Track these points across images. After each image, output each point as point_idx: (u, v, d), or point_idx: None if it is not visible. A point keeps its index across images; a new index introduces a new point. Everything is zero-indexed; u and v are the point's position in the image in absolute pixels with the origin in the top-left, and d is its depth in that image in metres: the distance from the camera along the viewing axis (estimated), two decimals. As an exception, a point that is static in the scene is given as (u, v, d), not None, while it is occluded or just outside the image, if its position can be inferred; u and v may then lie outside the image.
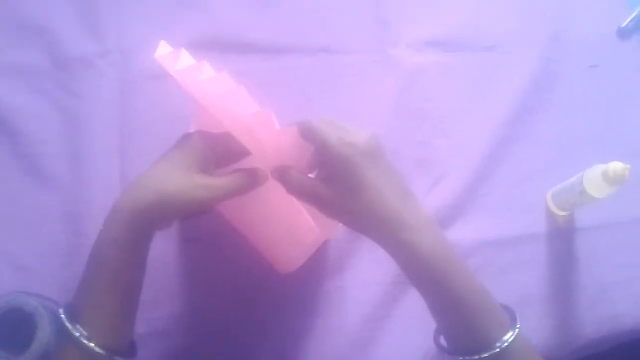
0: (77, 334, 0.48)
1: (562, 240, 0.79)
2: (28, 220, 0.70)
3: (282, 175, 0.53)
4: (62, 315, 0.50)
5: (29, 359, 0.60)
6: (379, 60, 0.83)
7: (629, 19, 0.89)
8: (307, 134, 0.52)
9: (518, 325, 0.51)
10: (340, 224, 0.57)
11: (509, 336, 0.49)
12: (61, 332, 0.50)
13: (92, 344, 0.48)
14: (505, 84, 0.84)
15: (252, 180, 0.54)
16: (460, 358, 0.51)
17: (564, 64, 0.86)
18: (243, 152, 0.55)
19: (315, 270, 0.72)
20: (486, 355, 0.49)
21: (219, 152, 0.55)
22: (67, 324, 0.49)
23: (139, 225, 0.50)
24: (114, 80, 0.76)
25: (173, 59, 0.52)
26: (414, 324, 0.71)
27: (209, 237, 0.72)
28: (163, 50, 0.53)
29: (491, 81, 0.84)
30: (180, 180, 0.51)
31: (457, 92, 0.83)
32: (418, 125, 0.81)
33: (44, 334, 0.60)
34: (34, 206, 0.71)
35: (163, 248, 0.70)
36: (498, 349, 0.49)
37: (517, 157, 0.81)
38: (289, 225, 0.63)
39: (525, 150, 0.82)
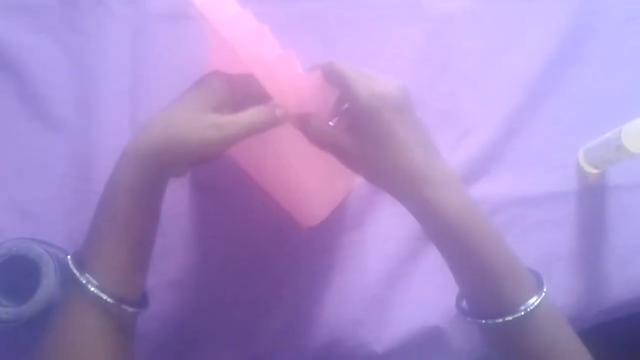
0: (85, 282, 0.45)
1: (592, 199, 0.76)
2: (34, 165, 0.67)
3: (304, 123, 0.51)
4: (70, 263, 0.47)
5: (32, 308, 0.58)
6: (405, 4, 0.79)
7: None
8: (334, 78, 0.50)
9: (545, 290, 0.49)
10: (360, 178, 0.55)
11: (534, 300, 0.48)
12: (68, 281, 0.47)
13: (101, 293, 0.45)
14: (538, 35, 0.80)
15: (269, 117, 0.49)
16: (483, 321, 0.50)
17: (601, 16, 0.82)
18: (263, 96, 0.51)
19: (334, 224, 0.69)
20: (510, 318, 0.47)
21: (238, 94, 0.51)
22: (75, 271, 0.46)
23: (149, 170, 0.47)
24: (125, 20, 0.72)
25: None
26: (435, 281, 0.69)
27: (224, 186, 0.68)
28: None
29: (524, 31, 0.80)
30: (191, 120, 0.48)
31: (487, 42, 0.79)
32: (445, 76, 0.77)
33: (49, 282, 0.58)
34: (40, 150, 0.67)
35: (175, 195, 0.67)
36: (522, 313, 0.47)
37: (548, 112, 0.78)
38: (313, 176, 0.60)
39: (558, 105, 0.78)
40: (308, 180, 0.61)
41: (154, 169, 0.47)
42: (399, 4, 0.79)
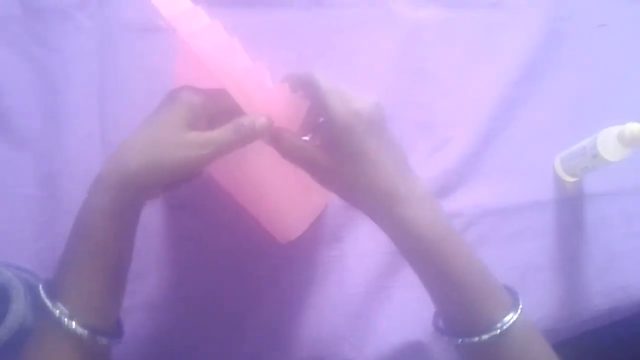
0: (58, 312, 0.44)
1: (570, 208, 0.76)
2: (-1, 184, 0.64)
3: (275, 137, 0.49)
4: (42, 292, 0.45)
5: (2, 334, 0.54)
6: (378, 15, 0.78)
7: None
8: (309, 90, 0.49)
9: (520, 307, 0.49)
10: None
11: (510, 317, 0.47)
12: (40, 311, 0.45)
13: (74, 323, 0.43)
14: (511, 43, 0.80)
15: (249, 130, 0.48)
16: (460, 340, 0.49)
17: (572, 23, 0.83)
18: (237, 109, 0.49)
19: (312, 239, 0.68)
20: (486, 337, 0.47)
21: (211, 109, 0.50)
22: (47, 302, 0.44)
23: (127, 193, 0.45)
24: (92, 33, 0.70)
25: (169, 1, 0.48)
26: (416, 295, 0.65)
27: (198, 203, 0.67)
28: None
29: (497, 40, 0.81)
30: (170, 139, 0.46)
31: (461, 51, 0.79)
32: (419, 87, 0.77)
33: (18, 307, 0.55)
34: (6, 169, 0.65)
35: (148, 214, 0.64)
36: (498, 331, 0.47)
37: (523, 120, 0.78)
38: (289, 191, 0.59)
39: (532, 113, 0.79)
40: (283, 195, 0.60)
41: (131, 192, 0.46)
42: (372, 14, 0.78)
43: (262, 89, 0.47)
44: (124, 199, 0.46)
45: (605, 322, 0.75)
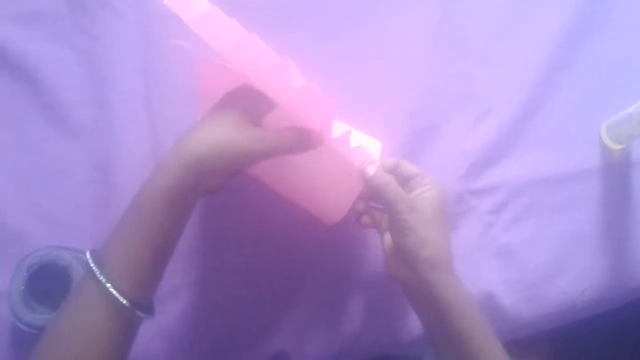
0: (104, 280, 0.46)
1: (616, 176, 0.75)
2: (55, 172, 0.67)
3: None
4: (90, 259, 0.47)
5: None
6: (415, -16, 0.76)
7: None
8: (377, 194, 0.58)
9: None
10: None
11: None
12: (86, 278, 0.47)
13: (118, 293, 0.46)
14: (554, 6, 0.77)
15: (305, 140, 0.53)
16: None
17: (619, -17, 0.79)
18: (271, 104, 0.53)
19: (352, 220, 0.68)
20: None
21: (262, 105, 0.53)
22: (95, 268, 0.47)
23: (190, 177, 0.49)
24: (133, 21, 0.71)
25: (183, 3, 0.48)
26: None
27: (244, 188, 0.68)
28: None
29: (539, 4, 0.77)
30: (233, 132, 0.50)
31: (502, 18, 0.77)
32: (459, 56, 0.75)
33: None
34: (61, 157, 0.68)
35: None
36: None
37: (568, 87, 0.76)
38: (330, 175, 0.60)
39: (578, 79, 0.76)
40: (325, 180, 0.61)
41: (194, 177, 0.49)
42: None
43: (288, 88, 0.48)
44: (185, 184, 0.48)
45: (654, 290, 0.74)
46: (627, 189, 0.74)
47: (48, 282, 0.60)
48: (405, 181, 0.60)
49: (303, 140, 0.53)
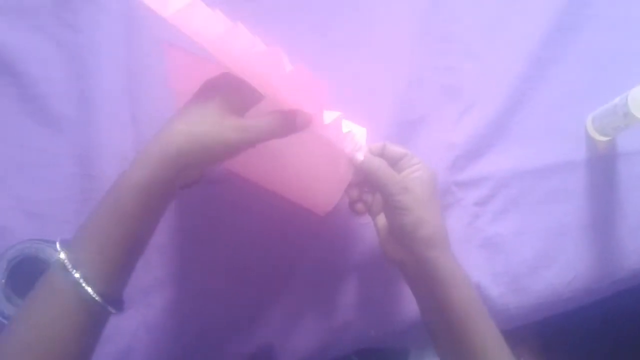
0: (76, 274, 0.44)
1: (602, 167, 0.75)
2: (38, 165, 0.66)
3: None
4: (61, 252, 0.46)
5: None
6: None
7: None
8: (369, 179, 0.57)
9: None
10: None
11: None
12: (55, 271, 0.45)
13: (88, 287, 0.45)
14: (539, 1, 0.77)
15: (289, 123, 0.51)
16: None
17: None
18: (258, 95, 0.52)
19: (344, 209, 0.67)
20: None
21: (246, 95, 0.51)
22: (66, 262, 0.45)
23: (170, 171, 0.47)
24: (117, 15, 0.70)
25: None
26: None
27: (231, 179, 0.68)
28: None
29: None
30: (213, 122, 0.48)
31: (488, 11, 0.77)
32: (445, 49, 0.75)
33: None
34: (43, 150, 0.67)
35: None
36: None
37: (553, 80, 0.76)
38: (319, 166, 0.60)
39: (563, 72, 0.77)
40: (314, 172, 0.61)
41: (171, 169, 0.47)
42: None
43: (280, 73, 0.47)
44: (165, 176, 0.47)
45: (638, 282, 0.74)
46: (613, 181, 0.74)
47: (29, 276, 0.57)
48: (394, 163, 0.59)
49: (288, 123, 0.51)
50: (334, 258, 0.69)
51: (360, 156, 0.57)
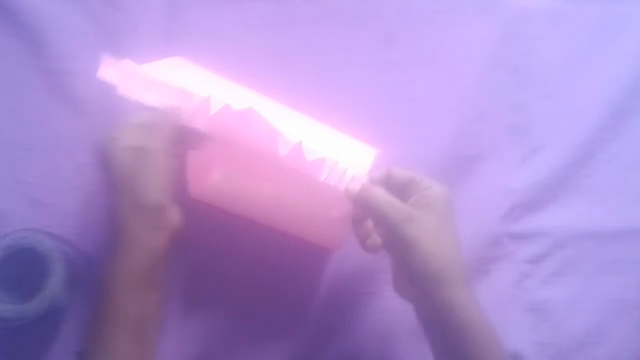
0: None
1: (676, 241, 0.69)
2: (49, 148, 0.63)
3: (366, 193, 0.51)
4: None
5: (36, 307, 0.54)
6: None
7: None
8: (367, 210, 0.51)
9: None
10: None
11: None
12: None
13: None
14: (629, 44, 0.72)
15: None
16: None
17: None
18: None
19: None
20: None
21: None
22: None
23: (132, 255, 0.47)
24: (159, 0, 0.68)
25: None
26: None
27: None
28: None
29: (613, 38, 0.72)
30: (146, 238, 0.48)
31: (569, 49, 0.72)
32: (516, 84, 0.70)
33: (56, 281, 0.55)
34: (57, 132, 0.63)
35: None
36: None
37: (631, 136, 0.70)
38: (314, 200, 0.58)
39: (642, 128, 0.71)
40: (313, 210, 0.60)
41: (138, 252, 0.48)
42: (469, -2, 0.72)
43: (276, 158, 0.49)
44: (131, 262, 0.47)
45: None
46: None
47: (22, 269, 0.56)
48: (401, 190, 0.52)
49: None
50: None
51: (355, 187, 0.51)
